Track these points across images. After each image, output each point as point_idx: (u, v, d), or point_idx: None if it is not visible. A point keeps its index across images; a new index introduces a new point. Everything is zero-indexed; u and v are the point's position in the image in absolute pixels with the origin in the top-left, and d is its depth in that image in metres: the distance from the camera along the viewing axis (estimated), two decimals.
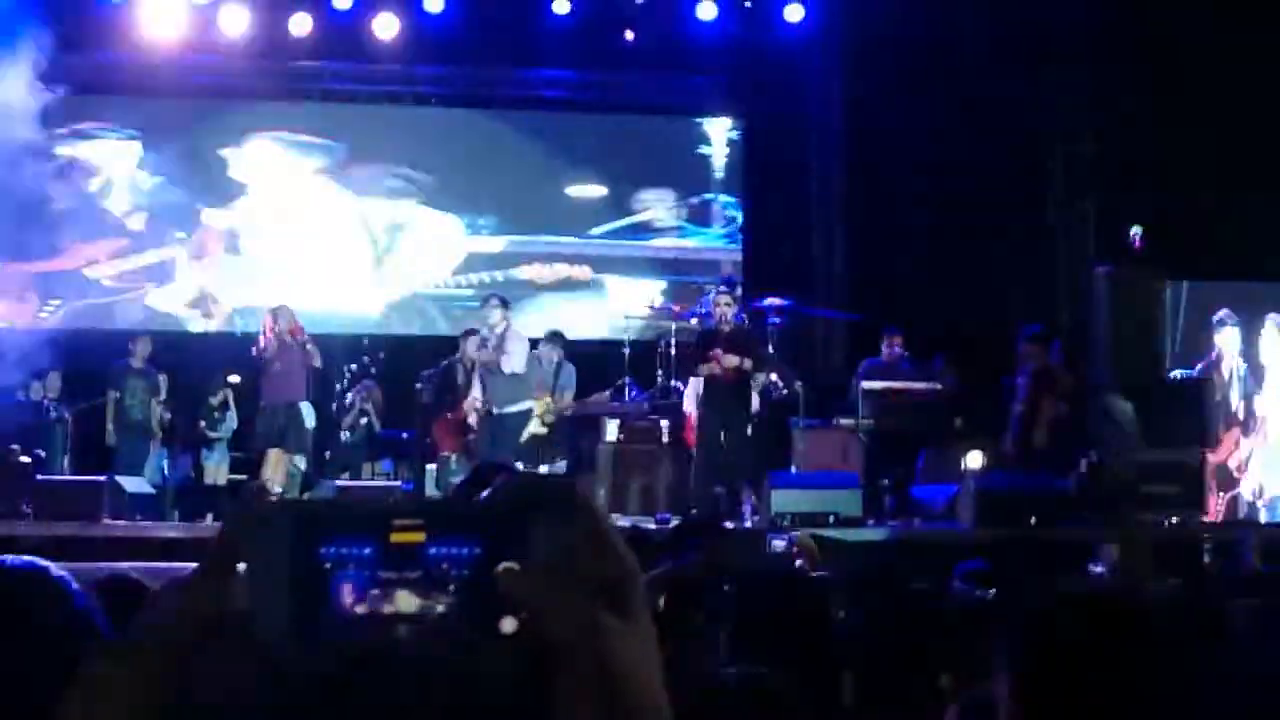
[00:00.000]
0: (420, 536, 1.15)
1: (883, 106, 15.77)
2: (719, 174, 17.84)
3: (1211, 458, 13.56)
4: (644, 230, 17.75)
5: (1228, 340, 13.85)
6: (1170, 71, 14.93)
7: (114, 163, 17.06)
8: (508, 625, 1.13)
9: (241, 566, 1.15)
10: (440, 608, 1.14)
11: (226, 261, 17.07)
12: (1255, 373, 13.92)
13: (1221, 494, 13.70)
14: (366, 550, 1.15)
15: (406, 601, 1.15)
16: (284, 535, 1.15)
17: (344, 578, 1.15)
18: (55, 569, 2.01)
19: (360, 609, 1.14)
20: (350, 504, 1.18)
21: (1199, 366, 14.06)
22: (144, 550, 11.92)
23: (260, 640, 1.14)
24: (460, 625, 1.14)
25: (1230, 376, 13.86)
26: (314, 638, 1.14)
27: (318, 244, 17.14)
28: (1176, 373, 14.13)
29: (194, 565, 1.19)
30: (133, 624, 1.19)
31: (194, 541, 12.55)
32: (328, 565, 1.15)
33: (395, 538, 1.15)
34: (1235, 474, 13.79)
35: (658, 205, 17.75)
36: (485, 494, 1.17)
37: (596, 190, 17.64)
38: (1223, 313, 13.97)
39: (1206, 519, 12.99)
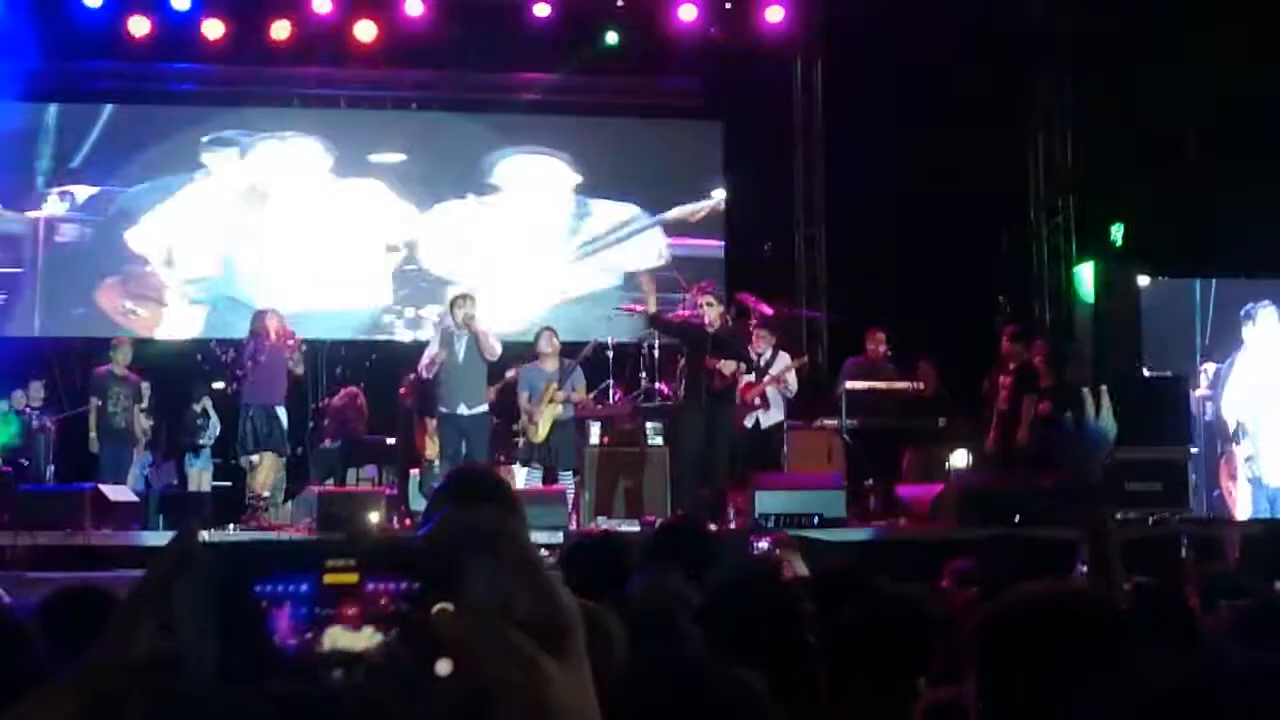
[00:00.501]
0: (354, 578, 1.15)
1: (862, 106, 15.78)
2: (698, 175, 17.81)
3: (1237, 449, 13.66)
4: (622, 230, 17.72)
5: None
6: (1147, 67, 14.96)
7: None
8: (443, 667, 1.12)
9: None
10: (376, 644, 1.14)
11: (213, 265, 17.04)
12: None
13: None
14: (304, 586, 1.14)
15: (344, 638, 1.14)
16: (214, 576, 1.14)
17: (280, 614, 1.14)
18: None
19: (296, 644, 1.14)
20: (284, 544, 1.18)
21: (1229, 360, 14.17)
22: (128, 559, 11.91)
23: (191, 684, 1.13)
24: (397, 664, 1.14)
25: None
26: (248, 678, 1.13)
27: (304, 247, 17.10)
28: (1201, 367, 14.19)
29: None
30: (62, 674, 1.18)
31: None
32: (264, 603, 1.14)
33: (329, 579, 1.15)
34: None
35: (637, 205, 17.72)
36: (421, 532, 1.16)
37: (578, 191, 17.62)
38: (1250, 306, 14.08)
39: (1189, 515, 13.02)
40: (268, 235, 17.08)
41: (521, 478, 13.55)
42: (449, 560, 1.14)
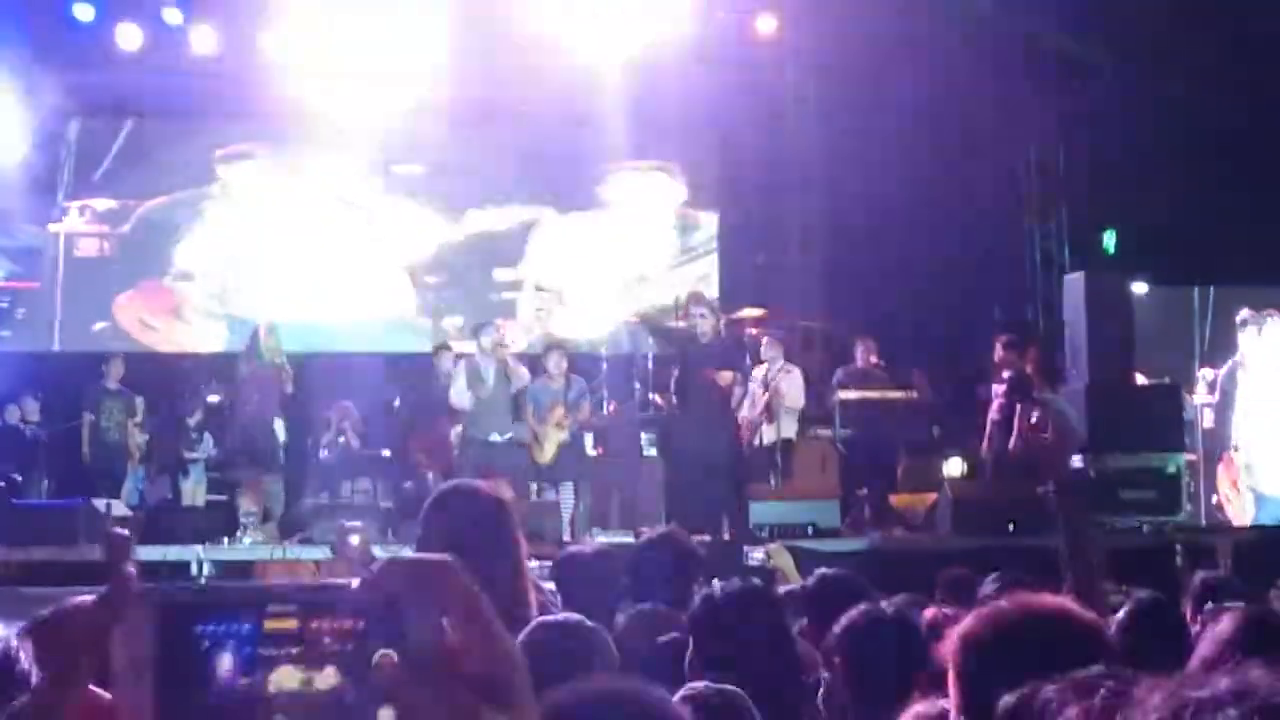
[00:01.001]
0: (293, 624, 1.13)
1: (855, 115, 15.79)
2: (690, 186, 17.84)
3: (1237, 456, 13.72)
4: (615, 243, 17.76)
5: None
6: (1141, 73, 14.99)
7: None
8: (385, 716, 1.10)
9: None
10: (321, 685, 1.12)
11: (216, 280, 17.06)
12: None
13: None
14: (246, 627, 1.13)
15: (288, 677, 1.13)
16: (151, 620, 1.12)
17: (223, 655, 1.12)
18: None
19: (241, 685, 1.12)
20: (225, 590, 1.16)
21: (1225, 367, 14.22)
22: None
23: None
24: (344, 707, 1.12)
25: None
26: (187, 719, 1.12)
27: (306, 257, 17.13)
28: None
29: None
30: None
31: (171, 565, 12.54)
32: (205, 644, 1.13)
33: (269, 625, 1.13)
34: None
35: (629, 216, 17.75)
36: (362, 577, 1.14)
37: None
38: (1245, 313, 14.13)
39: (1182, 523, 13.03)
40: (287, 248, 17.10)
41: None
42: (391, 604, 1.12)
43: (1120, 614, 4.16)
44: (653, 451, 14.15)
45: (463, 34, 15.80)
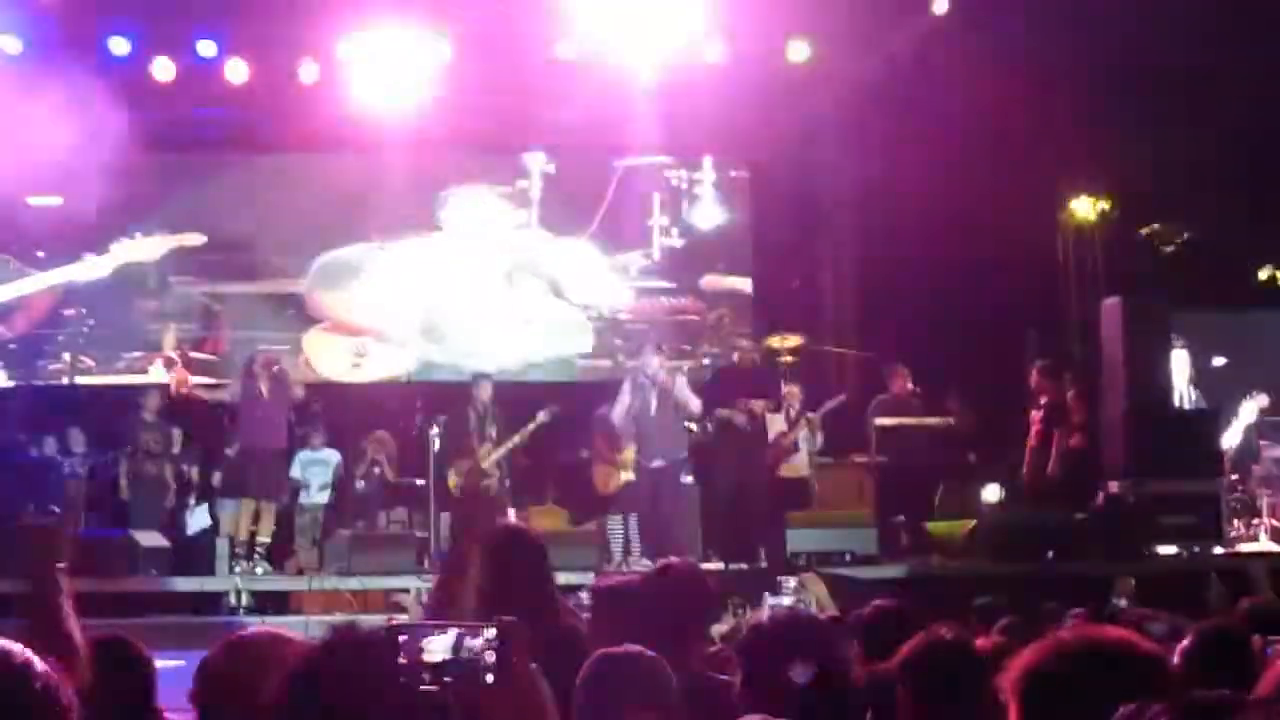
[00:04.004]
0: None
1: (890, 141, 15.74)
2: (724, 213, 17.86)
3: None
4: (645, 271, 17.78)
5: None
6: (1176, 101, 14.94)
7: None
8: None
9: None
10: None
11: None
12: None
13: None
14: None
15: None
16: None
17: None
18: (19, 651, 2.00)
19: None
20: None
21: None
22: (159, 605, 11.94)
23: None
24: None
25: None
26: None
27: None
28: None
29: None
30: None
31: (209, 596, 12.59)
32: None
33: None
34: None
35: (662, 243, 17.78)
36: None
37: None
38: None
39: (1223, 550, 12.95)
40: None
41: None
42: None
43: (1185, 643, 4.11)
44: (689, 479, 14.12)
45: (482, 64, 15.89)
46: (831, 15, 15.78)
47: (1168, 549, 12.72)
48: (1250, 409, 14.50)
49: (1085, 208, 16.08)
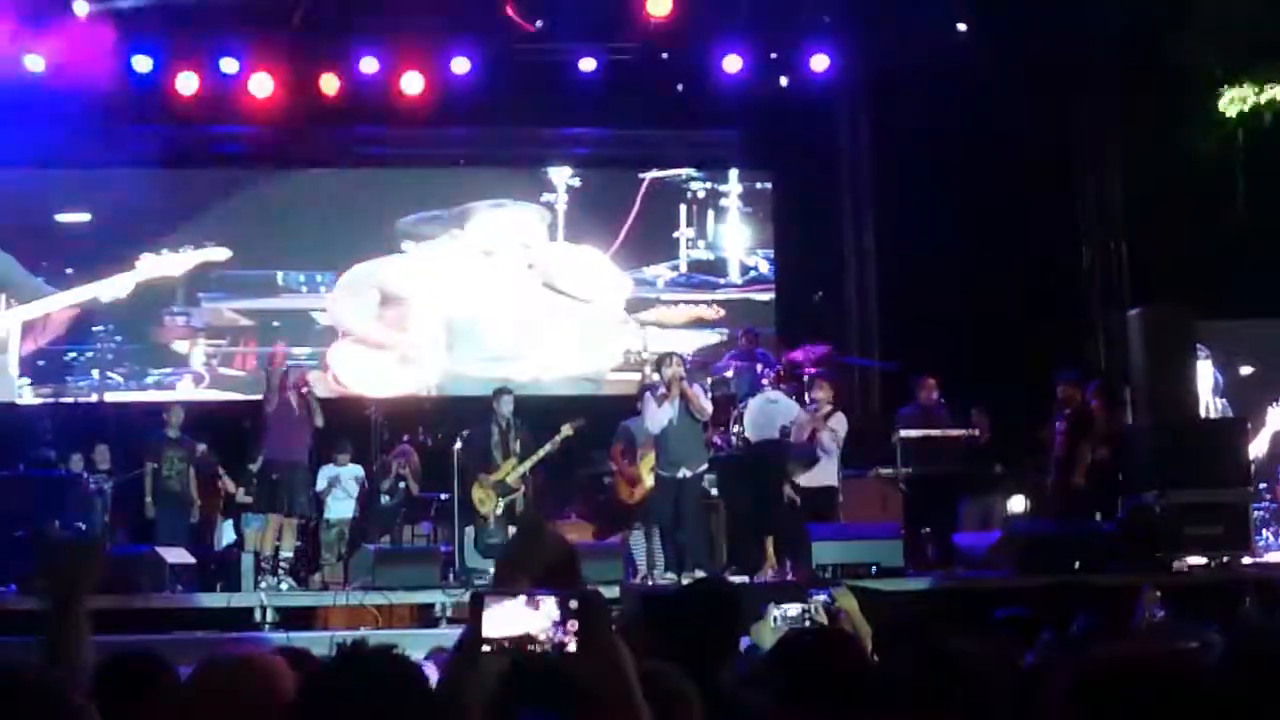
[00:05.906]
0: None
1: (911, 152, 15.71)
2: (746, 225, 17.88)
3: None
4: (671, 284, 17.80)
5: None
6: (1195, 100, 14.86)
7: None
8: None
9: None
10: None
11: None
12: None
13: None
14: None
15: None
16: None
17: None
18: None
19: None
20: None
21: None
22: (185, 621, 11.94)
23: None
24: None
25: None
26: None
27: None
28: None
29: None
30: None
31: (238, 611, 12.58)
32: None
33: None
34: None
35: (685, 255, 17.79)
36: None
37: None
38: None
39: (1251, 560, 12.87)
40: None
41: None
42: None
43: (1220, 655, 4.05)
44: (713, 491, 14.07)
45: (509, 79, 15.98)
46: (855, 27, 15.81)
47: (1196, 559, 12.64)
48: (1277, 417, 14.42)
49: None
